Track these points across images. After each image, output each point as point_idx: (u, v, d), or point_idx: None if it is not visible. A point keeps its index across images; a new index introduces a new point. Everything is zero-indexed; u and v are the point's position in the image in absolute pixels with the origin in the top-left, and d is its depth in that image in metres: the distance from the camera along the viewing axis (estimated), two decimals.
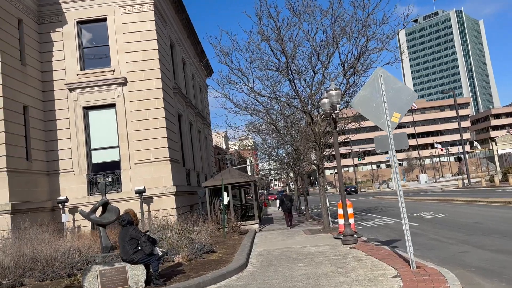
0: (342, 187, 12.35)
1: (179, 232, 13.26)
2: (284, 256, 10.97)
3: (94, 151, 19.31)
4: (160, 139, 18.91)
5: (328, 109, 12.64)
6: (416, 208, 23.00)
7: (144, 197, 18.25)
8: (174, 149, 20.42)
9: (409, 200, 31.66)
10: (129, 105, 19.10)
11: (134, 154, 18.87)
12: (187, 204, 21.25)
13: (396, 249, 10.60)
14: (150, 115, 19.00)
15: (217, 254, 11.10)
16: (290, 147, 27.26)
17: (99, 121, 19.47)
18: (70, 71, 19.29)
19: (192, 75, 29.63)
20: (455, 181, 69.83)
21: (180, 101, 23.42)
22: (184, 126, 24.01)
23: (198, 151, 27.92)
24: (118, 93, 19.19)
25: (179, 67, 24.68)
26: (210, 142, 35.83)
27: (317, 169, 16.83)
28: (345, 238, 11.97)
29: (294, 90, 16.22)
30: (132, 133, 18.96)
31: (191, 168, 24.15)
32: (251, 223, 19.64)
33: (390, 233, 14.98)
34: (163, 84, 19.48)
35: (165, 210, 18.10)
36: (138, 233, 7.57)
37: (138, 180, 18.58)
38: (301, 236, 15.47)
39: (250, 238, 14.93)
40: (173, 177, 18.99)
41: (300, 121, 22.19)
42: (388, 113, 7.94)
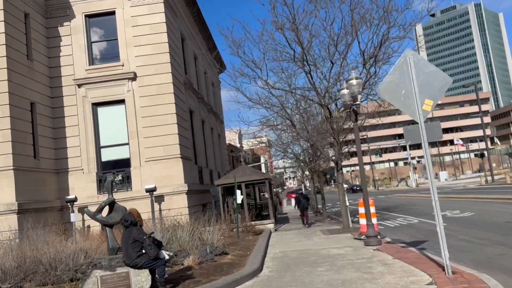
0: (365, 184, 11.44)
1: (190, 232, 12.53)
2: (302, 259, 10.14)
3: (104, 149, 18.75)
4: (171, 135, 18.24)
5: (348, 101, 11.74)
6: (441, 207, 21.82)
7: (155, 195, 17.61)
8: (186, 146, 19.73)
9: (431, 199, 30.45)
10: (139, 101, 18.47)
11: (144, 151, 18.24)
12: (199, 203, 20.56)
13: (425, 252, 9.67)
14: (160, 111, 18.33)
15: (230, 256, 10.33)
16: (305, 144, 26.37)
17: (108, 118, 18.90)
18: (79, 67, 18.75)
19: (204, 70, 28.93)
20: (476, 179, 67.80)
21: (192, 96, 22.73)
22: (196, 123, 23.31)
23: (211, 148, 27.22)
24: (127, 88, 18.58)
25: (190, 62, 23.99)
26: (223, 139, 35.14)
27: (335, 165, 15.92)
28: (368, 239, 11.07)
29: (311, 82, 15.34)
30: (142, 130, 18.33)
31: (203, 166, 23.45)
32: (266, 223, 18.84)
33: (415, 234, 13.99)
34: (173, 79, 18.80)
35: (176, 209, 17.41)
36: (142, 235, 6.83)
37: (149, 178, 17.94)
38: (319, 237, 14.60)
39: (265, 239, 14.13)
40: (185, 175, 18.31)
41: (316, 116, 21.28)
42: (419, 100, 7.03)
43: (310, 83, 15.47)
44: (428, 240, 12.08)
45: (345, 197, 16.11)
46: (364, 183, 11.42)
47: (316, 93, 15.22)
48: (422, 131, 7.05)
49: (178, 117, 18.71)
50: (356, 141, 11.29)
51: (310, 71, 14.98)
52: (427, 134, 7.05)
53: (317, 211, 28.82)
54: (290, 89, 15.46)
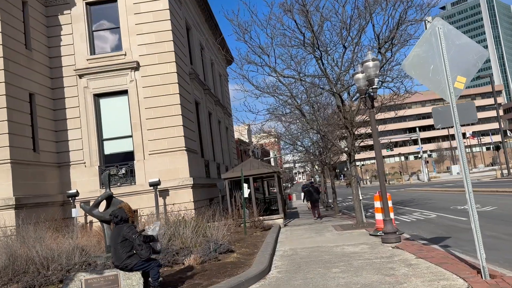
0: (382, 176, 10.53)
1: (193, 228, 11.76)
2: (314, 257, 9.29)
3: (106, 141, 18.04)
4: (175, 127, 17.46)
5: (363, 86, 10.81)
6: (458, 201, 20.83)
7: (159, 190, 16.88)
8: (191, 138, 18.95)
9: (447, 192, 29.38)
10: (142, 91, 17.71)
11: (148, 144, 17.50)
12: (206, 198, 19.80)
13: (451, 250, 8.76)
14: (164, 102, 17.56)
15: (235, 254, 9.52)
16: (315, 136, 25.44)
17: (111, 109, 18.17)
18: (80, 56, 18.03)
19: (211, 62, 28.09)
20: (490, 172, 66.20)
21: (198, 88, 21.92)
22: (202, 115, 22.51)
23: (218, 141, 26.43)
24: (130, 78, 17.82)
25: (196, 52, 23.16)
26: (231, 133, 34.33)
27: (348, 157, 15.00)
28: (386, 236, 10.18)
29: (322, 69, 14.41)
30: (145, 122, 17.58)
31: (210, 159, 22.67)
32: (274, 218, 18.01)
33: (434, 229, 13.05)
34: (178, 69, 17.98)
35: (181, 204, 16.66)
36: (132, 233, 6.04)
37: (153, 171, 17.21)
38: (331, 233, 13.74)
39: (273, 235, 13.31)
40: (190, 168, 17.54)
41: (326, 106, 20.33)
42: (450, 77, 6.11)
43: (321, 70, 14.55)
44: (450, 237, 11.16)
45: (359, 191, 15.20)
46: (381, 175, 10.51)
47: (328, 80, 14.29)
48: (454, 113, 6.13)
49: (183, 108, 17.93)
50: (372, 129, 10.38)
51: (321, 57, 14.05)
52: (460, 115, 6.14)
53: (327, 205, 27.91)
54: (300, 77, 14.54)
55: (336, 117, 18.36)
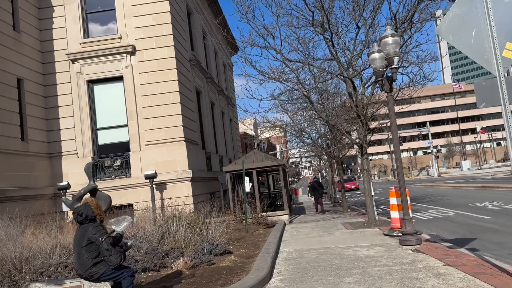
0: (401, 170, 9.27)
1: (188, 225, 10.61)
2: (323, 261, 8.11)
3: (100, 131, 16.95)
4: (173, 116, 16.31)
5: (379, 67, 9.54)
6: (476, 197, 19.48)
7: (156, 183, 15.78)
8: (191, 128, 17.79)
9: (462, 188, 27.97)
10: (138, 78, 16.56)
11: (144, 134, 16.38)
12: (206, 192, 18.66)
13: (482, 255, 7.52)
14: (162, 89, 16.40)
15: (233, 257, 8.36)
16: (323, 128, 24.17)
17: (105, 97, 17.06)
18: (73, 40, 16.91)
19: (215, 50, 26.85)
20: (502, 168, 64.42)
21: (199, 75, 20.72)
22: (204, 105, 21.33)
23: (221, 133, 25.25)
24: (125, 63, 16.67)
25: (198, 38, 21.94)
26: (235, 124, 33.11)
27: (359, 149, 13.75)
28: (404, 237, 8.96)
29: (332, 52, 13.14)
30: (142, 110, 16.45)
31: (212, 151, 21.52)
32: (279, 214, 16.83)
33: (455, 229, 11.79)
34: (176, 54, 16.79)
35: (179, 198, 15.59)
36: (99, 235, 4.89)
37: (150, 163, 16.10)
38: (341, 231, 12.53)
39: (277, 233, 12.14)
40: (189, 160, 16.40)
41: (336, 96, 19.03)
42: (498, 44, 4.85)
43: (331, 53, 13.27)
44: (476, 238, 9.90)
45: (371, 186, 13.96)
46: (400, 168, 9.26)
47: (338, 64, 13.01)
48: (502, 88, 4.87)
49: (182, 96, 16.76)
50: (390, 117, 9.12)
51: (332, 38, 12.77)
52: (509, 91, 4.88)
53: (335, 201, 26.66)
54: (307, 61, 13.26)
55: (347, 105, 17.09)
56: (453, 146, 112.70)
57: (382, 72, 9.63)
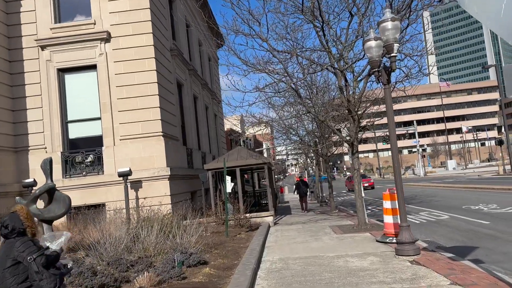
0: (398, 170, 8.32)
1: (161, 229, 9.52)
2: (311, 275, 7.11)
3: (71, 124, 15.68)
4: (151, 109, 15.13)
5: (376, 56, 8.56)
6: (469, 199, 18.77)
7: (131, 181, 14.62)
8: (171, 123, 16.63)
9: (451, 188, 27.36)
10: (113, 67, 15.33)
11: (119, 127, 15.17)
12: (186, 190, 17.54)
13: (490, 268, 6.61)
14: (139, 79, 15.20)
15: (208, 269, 7.29)
16: (310, 124, 23.23)
17: (77, 87, 15.79)
18: (42, 25, 15.57)
19: (199, 42, 25.65)
20: (488, 168, 64.60)
21: (181, 67, 19.53)
22: (186, 98, 20.16)
23: (204, 128, 24.11)
24: (99, 51, 15.42)
25: (180, 28, 20.73)
26: (220, 120, 31.96)
27: (350, 147, 12.80)
28: (400, 247, 8.01)
29: (322, 42, 12.14)
30: (116, 102, 15.23)
31: (194, 147, 20.37)
32: (263, 215, 15.82)
33: (452, 235, 10.93)
34: (155, 42, 15.60)
35: (156, 198, 14.47)
36: (28, 253, 3.80)
37: (124, 159, 14.92)
38: (329, 236, 11.56)
39: (261, 238, 11.12)
40: (168, 156, 15.26)
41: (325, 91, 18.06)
42: None
43: (321, 43, 12.27)
44: (478, 247, 9.04)
45: (361, 186, 13.04)
46: (397, 168, 8.30)
47: (329, 55, 12.01)
48: None
49: (160, 88, 15.59)
50: (387, 111, 8.16)
51: (323, 27, 11.76)
52: None
53: (322, 200, 25.74)
54: (295, 51, 12.22)
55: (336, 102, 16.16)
56: (438, 146, 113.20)
57: (378, 62, 8.65)
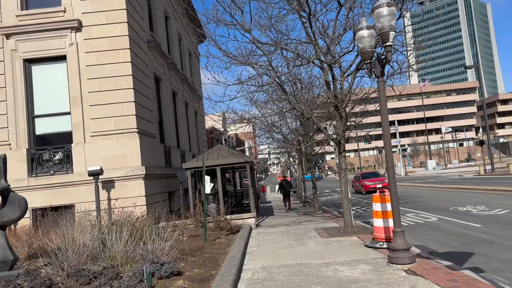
0: (393, 170, 7.63)
1: (132, 235, 8.62)
2: (297, 286, 6.35)
3: (38, 119, 14.58)
4: (125, 104, 14.16)
5: (368, 47, 7.85)
6: (455, 200, 18.38)
7: (103, 180, 13.64)
8: (147, 119, 15.67)
9: (434, 189, 27.08)
10: (85, 58, 14.29)
11: (90, 123, 14.15)
12: (164, 191, 16.60)
13: (494, 279, 5.98)
14: (112, 72, 14.20)
15: (182, 281, 6.45)
16: (294, 123, 22.56)
17: (45, 79, 14.68)
18: (7, 12, 14.42)
19: (179, 36, 24.65)
20: (467, 168, 65.38)
21: (159, 60, 18.55)
22: (164, 93, 19.19)
23: (184, 126, 23.16)
24: (69, 41, 14.35)
25: (159, 19, 19.73)
26: (201, 118, 31.00)
27: (337, 146, 12.12)
28: (394, 254, 7.32)
29: (308, 34, 11.41)
30: (88, 96, 14.20)
31: (173, 145, 19.42)
32: (245, 217, 15.02)
33: (444, 239, 10.35)
34: (130, 32, 14.62)
35: (130, 199, 13.52)
36: None
37: (96, 157, 13.92)
38: (315, 240, 10.84)
39: (242, 242, 10.32)
40: (143, 154, 14.32)
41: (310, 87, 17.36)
42: None
43: (307, 35, 11.54)
44: (473, 253, 8.45)
45: (348, 187, 12.37)
46: (391, 168, 7.61)
47: (315, 47, 11.28)
48: None
49: (136, 81, 14.61)
50: (380, 107, 7.45)
51: (310, 17, 11.02)
52: None
53: (305, 201, 25.08)
54: (280, 43, 11.44)
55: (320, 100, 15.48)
56: (418, 146, 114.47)
57: (370, 53, 7.94)
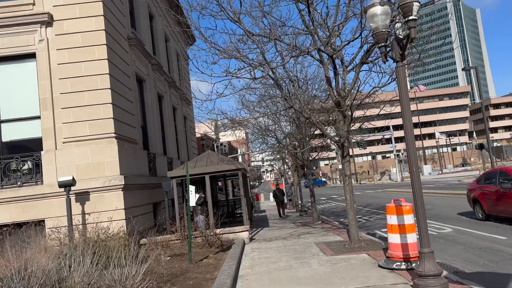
0: (417, 175, 6.20)
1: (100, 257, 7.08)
2: None
3: (4, 124, 13.00)
4: (101, 106, 12.63)
5: (382, 26, 6.47)
6: (466, 207, 16.97)
7: (76, 192, 12.07)
8: (128, 123, 14.14)
9: (438, 195, 25.72)
10: (56, 56, 12.78)
11: (62, 128, 12.60)
12: (148, 202, 15.03)
13: None
14: (87, 71, 12.69)
15: None
16: (289, 127, 21.16)
17: (12, 79, 13.13)
18: None
19: (165, 36, 23.21)
20: (463, 172, 64.38)
21: (142, 59, 17.07)
22: (148, 96, 17.69)
23: (171, 131, 21.64)
24: (39, 37, 12.85)
25: (142, 17, 18.29)
26: (191, 123, 29.47)
27: (340, 149, 10.70)
28: (423, 282, 5.87)
29: (306, 23, 10.04)
30: (59, 97, 12.67)
31: (158, 152, 17.87)
32: (237, 230, 13.47)
33: (467, 254, 8.92)
34: (108, 27, 13.15)
35: (107, 213, 11.95)
36: None
37: (69, 166, 12.36)
38: (318, 259, 9.35)
39: (233, 264, 8.80)
40: (123, 162, 12.78)
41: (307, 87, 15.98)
42: None
43: (305, 24, 10.16)
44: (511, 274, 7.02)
45: (353, 196, 10.93)
46: (416, 172, 6.18)
47: (314, 38, 9.89)
48: None
49: (114, 81, 13.11)
50: (401, 98, 6.05)
51: (308, 2, 9.65)
52: None
53: (302, 210, 23.53)
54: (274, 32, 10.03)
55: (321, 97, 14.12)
56: None
57: (385, 34, 6.55)
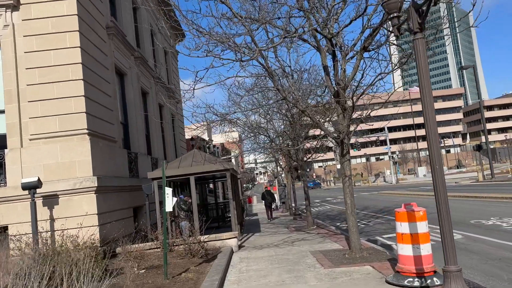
0: (441, 175, 5.02)
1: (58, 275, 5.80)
2: None
3: None
4: (72, 99, 11.34)
5: None
6: (472, 211, 15.88)
7: (43, 195, 10.77)
8: (104, 119, 12.83)
9: None
10: (23, 43, 11.48)
11: (29, 123, 11.29)
12: (127, 206, 13.73)
13: None
14: (56, 60, 11.40)
15: None
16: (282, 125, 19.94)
17: None
18: None
19: (152, 30, 21.92)
20: (458, 174, 63.64)
21: (122, 51, 15.77)
22: (130, 91, 16.39)
23: (157, 131, 20.34)
24: (3, 22, 11.56)
25: (125, 7, 17.01)
26: (180, 123, 28.16)
27: (339, 146, 9.49)
28: None
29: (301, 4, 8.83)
30: (26, 89, 11.37)
31: (141, 152, 16.56)
32: (225, 237, 12.18)
33: (485, 266, 7.77)
34: (81, 12, 11.87)
35: (77, 218, 10.63)
36: None
37: (35, 166, 11.06)
38: (315, 272, 8.11)
39: (216, 279, 7.54)
40: (97, 162, 11.49)
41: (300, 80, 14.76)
42: None
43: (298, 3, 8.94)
44: None
45: (354, 199, 9.72)
46: (440, 171, 5.01)
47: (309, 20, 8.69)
48: None
49: (87, 71, 11.81)
50: (419, 75, 4.87)
51: None
52: None
53: (295, 213, 22.26)
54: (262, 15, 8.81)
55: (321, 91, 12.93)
56: (406, 153, 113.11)
57: (398, 3, 5.36)
